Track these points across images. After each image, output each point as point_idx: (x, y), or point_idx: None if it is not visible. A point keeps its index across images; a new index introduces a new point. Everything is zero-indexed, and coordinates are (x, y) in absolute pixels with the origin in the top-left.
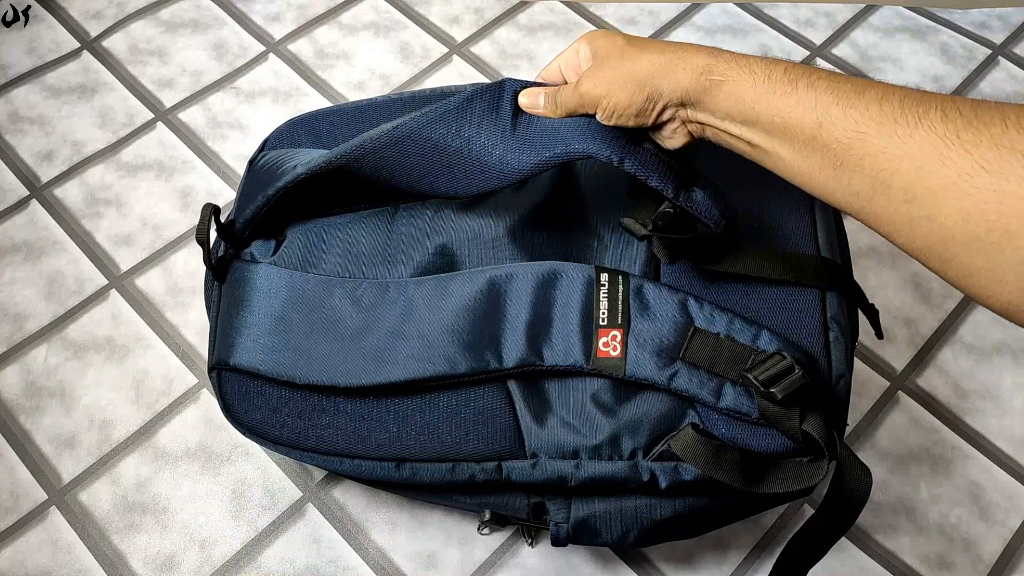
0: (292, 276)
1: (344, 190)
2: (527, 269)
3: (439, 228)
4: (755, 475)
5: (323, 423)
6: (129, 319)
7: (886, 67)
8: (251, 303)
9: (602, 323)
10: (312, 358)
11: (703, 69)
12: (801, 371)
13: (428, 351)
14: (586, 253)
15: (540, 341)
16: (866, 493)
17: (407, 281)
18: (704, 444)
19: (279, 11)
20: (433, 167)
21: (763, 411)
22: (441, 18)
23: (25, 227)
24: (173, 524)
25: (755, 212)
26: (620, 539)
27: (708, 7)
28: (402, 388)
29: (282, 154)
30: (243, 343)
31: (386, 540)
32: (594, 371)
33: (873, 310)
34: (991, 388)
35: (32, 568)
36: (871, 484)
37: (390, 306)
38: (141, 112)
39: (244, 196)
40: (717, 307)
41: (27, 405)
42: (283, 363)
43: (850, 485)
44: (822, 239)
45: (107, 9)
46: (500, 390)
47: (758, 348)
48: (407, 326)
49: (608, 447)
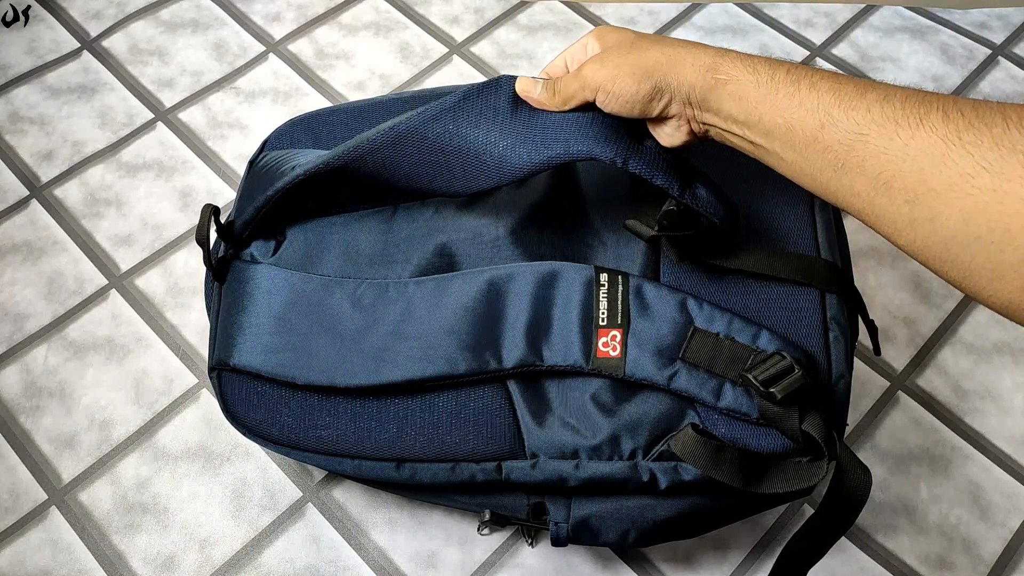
0: (291, 276)
1: (344, 190)
2: (527, 269)
3: (439, 228)
4: (755, 475)
5: (323, 423)
6: (129, 319)
7: (886, 67)
8: (251, 304)
9: (602, 323)
10: (312, 358)
11: (709, 67)
12: (801, 371)
13: (428, 351)
14: (586, 252)
15: (540, 341)
16: (866, 493)
17: (407, 281)
18: (704, 444)
19: (279, 11)
20: (432, 165)
21: (763, 411)
22: (441, 18)
23: (25, 227)
24: (173, 524)
25: (754, 212)
26: (620, 539)
27: (708, 7)
28: (402, 388)
29: (282, 155)
30: (243, 344)
31: (386, 540)
32: (594, 371)
33: (873, 326)
34: (991, 388)
35: (32, 568)
36: (871, 484)
37: (390, 306)
38: (141, 112)
39: (244, 197)
40: (717, 307)
41: (27, 405)
42: (283, 363)
43: (849, 485)
44: (822, 239)
45: (107, 9)
46: (500, 390)
47: (758, 348)
48: (407, 326)
49: (608, 447)
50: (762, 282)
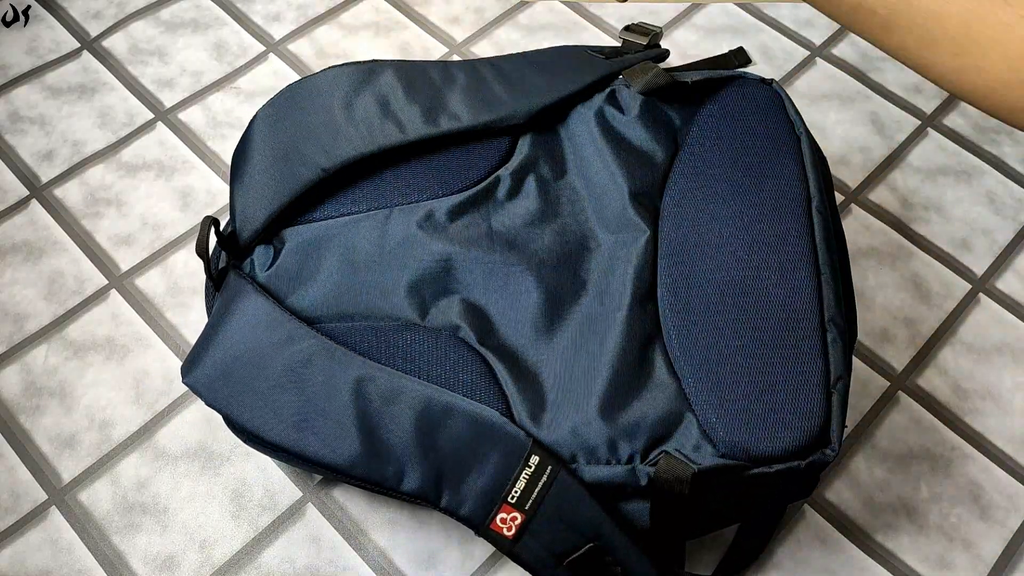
0: (269, 315)
1: (339, 190)
2: (469, 409)
3: (433, 234)
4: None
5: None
6: (129, 319)
7: (886, 67)
8: (224, 327)
9: (510, 500)
10: (250, 404)
11: None
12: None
13: (335, 440)
14: (584, 256)
15: (443, 482)
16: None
17: (363, 362)
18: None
19: (279, 11)
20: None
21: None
22: (441, 18)
23: (25, 227)
24: (173, 524)
25: (753, 214)
26: None
27: (708, 7)
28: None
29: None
30: (201, 364)
31: (386, 540)
32: (482, 535)
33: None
34: (991, 388)
35: (32, 568)
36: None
37: (323, 377)
38: (141, 112)
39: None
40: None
41: (27, 405)
42: (221, 399)
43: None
44: (819, 238)
45: (107, 9)
46: (493, 385)
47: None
48: (329, 404)
49: (606, 451)
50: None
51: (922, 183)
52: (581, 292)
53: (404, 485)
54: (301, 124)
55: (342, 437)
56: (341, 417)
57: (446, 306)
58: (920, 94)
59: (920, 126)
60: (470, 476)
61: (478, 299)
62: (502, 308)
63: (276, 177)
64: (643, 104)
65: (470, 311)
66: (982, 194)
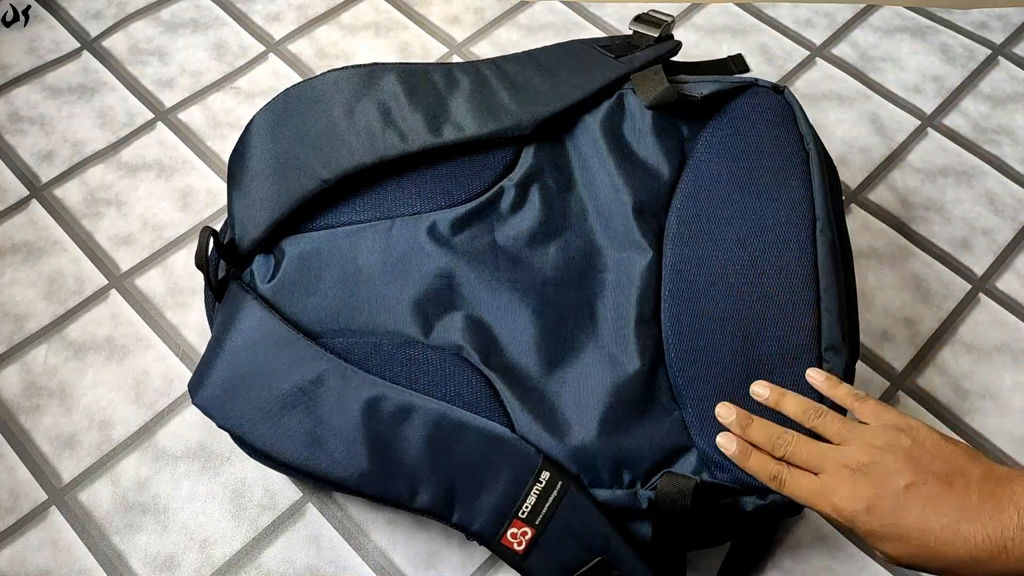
0: (273, 329)
1: (340, 199)
2: (481, 426)
3: (435, 247)
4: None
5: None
6: (129, 319)
7: (886, 67)
8: (228, 344)
9: (521, 515)
10: (256, 419)
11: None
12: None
13: (346, 458)
14: (588, 274)
15: (455, 498)
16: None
17: (375, 382)
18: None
19: (279, 11)
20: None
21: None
22: (441, 18)
23: (25, 227)
24: (173, 524)
25: (756, 242)
26: None
27: (708, 7)
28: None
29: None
30: (207, 383)
31: (386, 540)
32: (493, 550)
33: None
34: (991, 388)
35: (32, 568)
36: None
37: (334, 396)
38: (141, 112)
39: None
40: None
41: (27, 405)
42: (231, 419)
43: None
44: (822, 262)
45: (107, 9)
46: (498, 407)
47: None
48: (340, 422)
49: (608, 476)
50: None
51: (922, 183)
52: (585, 313)
53: (416, 502)
54: (301, 131)
55: (353, 455)
56: (352, 435)
57: (449, 323)
58: (920, 94)
59: (920, 126)
60: (482, 492)
61: (482, 317)
62: (505, 327)
63: (276, 186)
64: (651, 117)
65: (473, 329)
66: (982, 194)
